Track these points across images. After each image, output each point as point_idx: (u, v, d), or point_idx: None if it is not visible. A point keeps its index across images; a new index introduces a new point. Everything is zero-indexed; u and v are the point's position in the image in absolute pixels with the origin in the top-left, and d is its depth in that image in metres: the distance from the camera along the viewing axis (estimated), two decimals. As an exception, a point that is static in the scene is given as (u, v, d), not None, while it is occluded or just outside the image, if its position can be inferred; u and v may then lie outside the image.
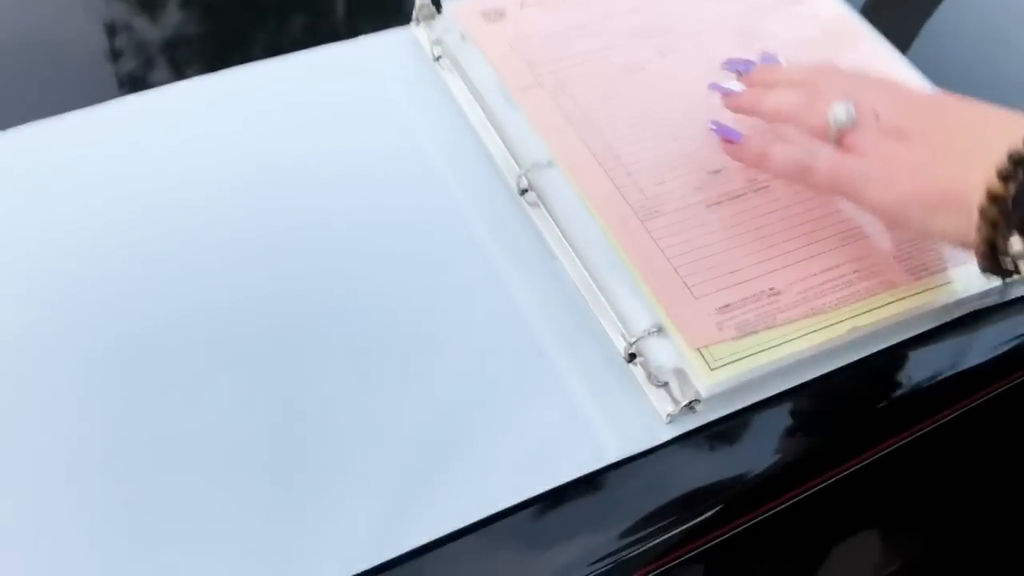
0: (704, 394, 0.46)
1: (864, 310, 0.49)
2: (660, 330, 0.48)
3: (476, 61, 0.59)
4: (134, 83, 0.60)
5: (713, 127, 0.53)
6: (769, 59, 0.56)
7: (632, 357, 0.48)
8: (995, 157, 0.41)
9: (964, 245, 0.43)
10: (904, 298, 0.50)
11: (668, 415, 0.46)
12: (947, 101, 0.48)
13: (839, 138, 0.47)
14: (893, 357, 0.50)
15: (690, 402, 0.46)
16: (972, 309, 0.52)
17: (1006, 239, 0.41)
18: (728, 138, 0.52)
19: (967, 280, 0.51)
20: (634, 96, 0.58)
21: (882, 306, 0.49)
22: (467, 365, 0.48)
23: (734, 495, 0.46)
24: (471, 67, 0.59)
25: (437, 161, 0.56)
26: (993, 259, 0.42)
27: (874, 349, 0.50)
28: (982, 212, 0.41)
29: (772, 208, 0.53)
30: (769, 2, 0.65)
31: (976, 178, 0.41)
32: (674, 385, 0.47)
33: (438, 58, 0.61)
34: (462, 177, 0.56)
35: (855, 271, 0.50)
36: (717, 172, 0.54)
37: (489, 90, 0.58)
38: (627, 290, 0.49)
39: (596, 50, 0.61)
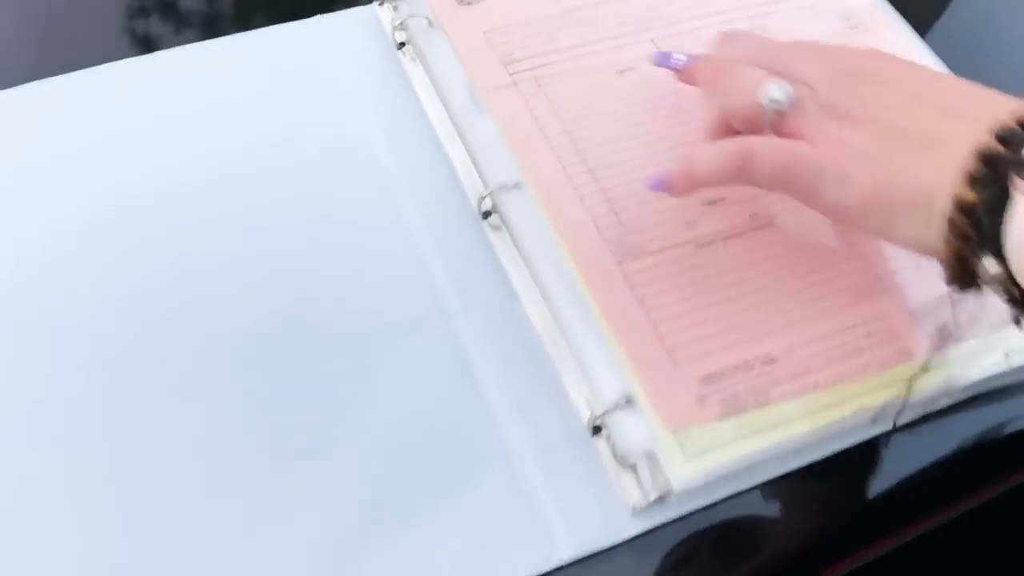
0: (676, 488, 0.39)
1: (875, 386, 0.41)
2: (631, 401, 0.40)
3: (444, 52, 0.51)
4: (59, 64, 0.52)
5: (650, 186, 0.44)
6: (664, 58, 0.48)
7: (598, 430, 0.41)
8: (961, 152, 0.33)
9: (930, 255, 0.36)
10: (922, 372, 0.42)
11: (634, 507, 0.39)
12: (894, 68, 0.39)
13: (776, 123, 0.40)
14: (905, 438, 0.42)
15: (660, 495, 0.39)
16: (1001, 385, 0.44)
17: (979, 258, 0.34)
18: (665, 183, 0.43)
19: (1003, 353, 0.43)
20: (622, 103, 0.50)
21: (896, 382, 0.41)
22: (399, 428, 0.41)
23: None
24: (437, 59, 0.51)
25: (390, 168, 0.49)
26: (964, 276, 0.35)
27: (884, 428, 0.42)
28: (951, 223, 0.34)
29: (774, 251, 0.45)
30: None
31: (941, 179, 0.34)
32: (643, 470, 0.40)
33: (401, 46, 0.52)
34: (417, 190, 0.48)
35: (867, 335, 0.43)
36: (714, 203, 0.46)
37: (456, 89, 0.50)
38: (597, 347, 0.42)
39: (584, 44, 0.52)
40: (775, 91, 0.39)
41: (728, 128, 0.43)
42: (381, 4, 0.53)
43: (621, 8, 0.54)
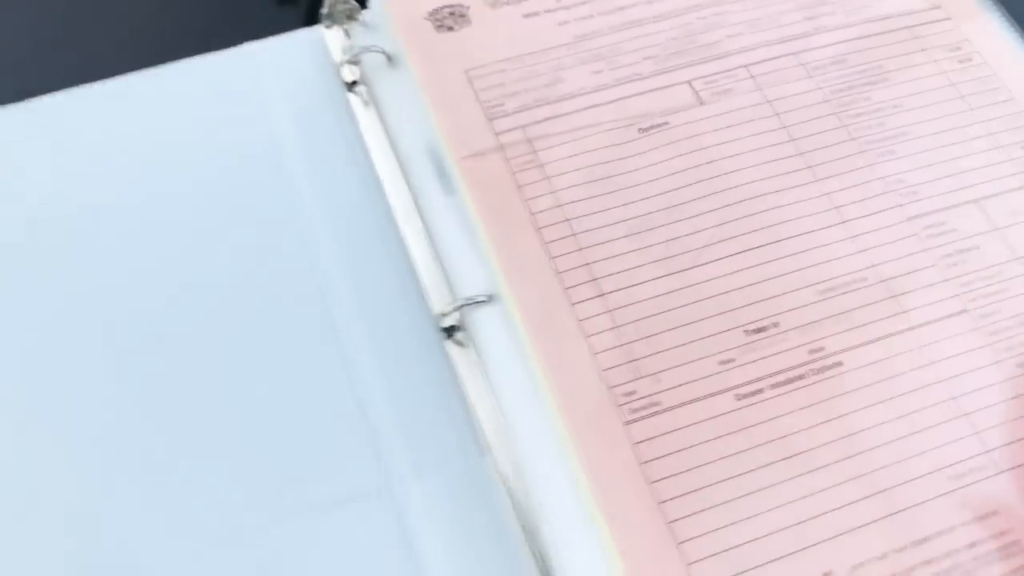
0: None
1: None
2: (631, 641, 0.28)
3: (409, 99, 0.38)
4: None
5: None
6: None
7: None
8: None
9: None
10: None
11: None
12: None
13: None
14: None
15: None
16: None
17: None
18: None
19: None
20: (643, 176, 0.37)
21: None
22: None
23: None
24: (398, 112, 0.38)
25: (326, 259, 0.37)
26: None
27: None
28: None
29: (841, 408, 0.32)
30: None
31: None
32: None
33: (352, 85, 0.39)
34: (359, 292, 0.36)
35: (971, 545, 0.30)
36: (762, 331, 0.34)
37: (420, 154, 0.37)
38: (589, 548, 0.30)
39: (598, 88, 0.39)
40: None
41: None
42: (329, 27, 0.40)
43: (648, 34, 0.41)
